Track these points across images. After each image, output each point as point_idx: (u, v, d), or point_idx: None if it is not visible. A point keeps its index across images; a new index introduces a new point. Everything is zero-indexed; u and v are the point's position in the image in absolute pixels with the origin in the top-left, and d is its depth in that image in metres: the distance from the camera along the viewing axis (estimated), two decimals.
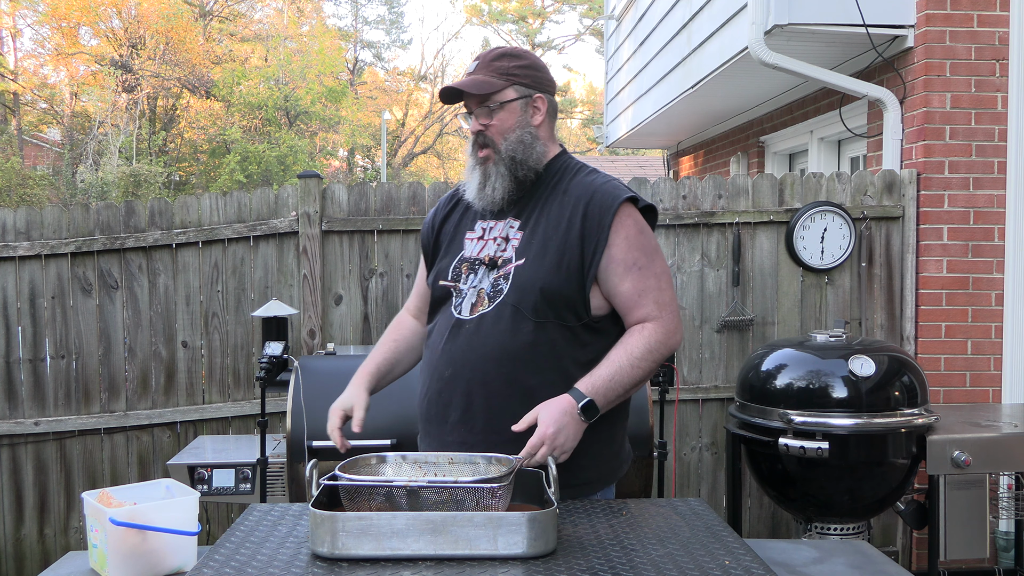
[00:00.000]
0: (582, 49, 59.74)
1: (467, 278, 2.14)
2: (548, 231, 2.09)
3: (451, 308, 2.14)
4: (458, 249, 2.19)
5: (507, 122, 2.12)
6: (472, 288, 2.12)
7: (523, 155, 2.12)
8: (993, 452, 3.43)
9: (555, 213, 2.11)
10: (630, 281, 2.06)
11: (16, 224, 4.24)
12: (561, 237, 2.07)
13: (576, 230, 2.06)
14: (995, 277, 4.29)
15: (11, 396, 4.25)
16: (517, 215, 2.15)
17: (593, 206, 2.07)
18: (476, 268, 2.13)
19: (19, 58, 21.49)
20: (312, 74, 21.92)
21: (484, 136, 2.13)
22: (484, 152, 2.14)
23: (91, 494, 1.94)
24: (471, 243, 2.18)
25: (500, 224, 2.16)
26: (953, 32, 4.25)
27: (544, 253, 2.07)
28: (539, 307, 2.05)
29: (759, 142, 6.72)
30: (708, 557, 1.70)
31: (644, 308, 2.06)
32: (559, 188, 2.14)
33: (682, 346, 4.29)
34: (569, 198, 2.11)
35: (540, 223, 2.11)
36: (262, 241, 4.28)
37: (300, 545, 1.79)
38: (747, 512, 4.29)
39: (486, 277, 2.11)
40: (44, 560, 4.28)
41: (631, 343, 2.04)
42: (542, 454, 1.93)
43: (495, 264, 2.11)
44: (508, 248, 2.11)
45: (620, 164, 15.50)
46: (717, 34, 5.34)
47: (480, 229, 2.19)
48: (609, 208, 2.06)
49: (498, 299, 2.07)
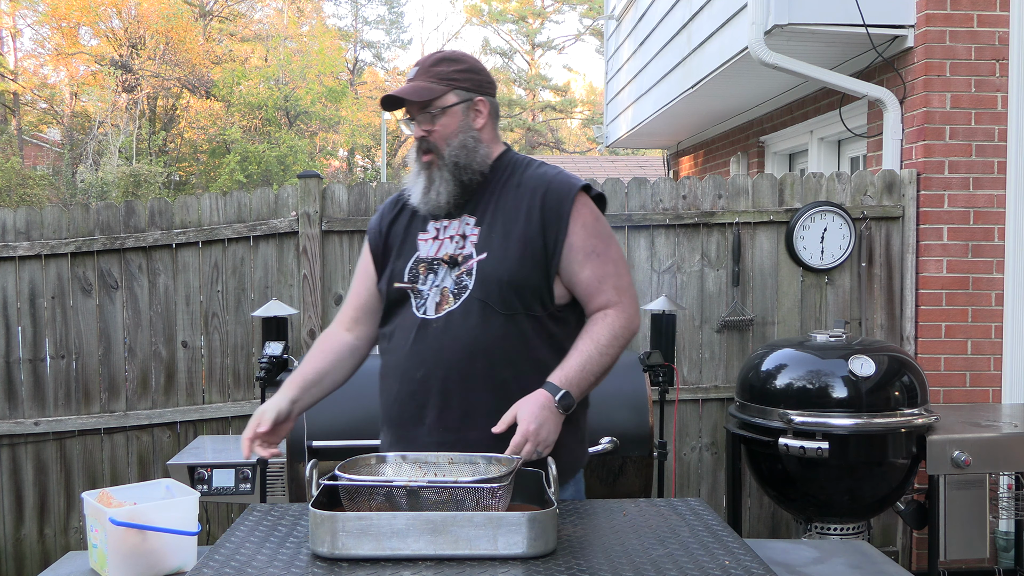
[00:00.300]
0: (582, 49, 59.75)
1: (426, 278, 2.13)
2: (507, 224, 2.11)
3: (411, 309, 2.13)
4: (412, 250, 2.18)
5: (449, 127, 2.13)
6: (435, 287, 2.11)
7: (466, 159, 2.13)
8: (993, 452, 3.43)
9: (511, 206, 2.13)
10: (590, 268, 2.10)
11: (16, 224, 4.24)
12: (521, 229, 2.10)
13: (536, 221, 2.09)
14: (995, 277, 4.29)
15: (11, 396, 4.25)
16: (472, 212, 2.15)
17: (550, 196, 2.11)
18: (435, 267, 2.13)
19: (19, 58, 21.49)
20: (312, 74, 21.92)
21: (427, 142, 2.13)
22: (428, 157, 2.13)
23: (91, 494, 1.93)
24: (426, 244, 2.17)
25: (455, 222, 2.15)
26: (953, 32, 4.25)
27: (506, 246, 2.09)
28: (507, 299, 2.07)
29: (759, 142, 6.72)
30: (708, 557, 1.70)
31: (605, 294, 2.10)
32: (511, 183, 2.16)
33: (682, 346, 4.29)
34: (524, 190, 2.13)
35: (497, 217, 2.13)
36: (262, 241, 4.28)
37: (300, 545, 1.79)
38: (747, 512, 4.29)
39: (448, 275, 2.11)
40: (44, 560, 4.28)
41: (596, 331, 2.07)
42: (527, 451, 1.94)
43: (455, 262, 2.11)
44: (467, 245, 2.12)
45: (620, 164, 15.50)
46: (717, 34, 5.34)
47: (434, 229, 2.18)
48: (566, 197, 2.10)
49: (464, 295, 2.08)
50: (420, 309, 2.12)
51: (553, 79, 31.66)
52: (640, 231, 4.30)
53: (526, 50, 31.89)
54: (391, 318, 2.19)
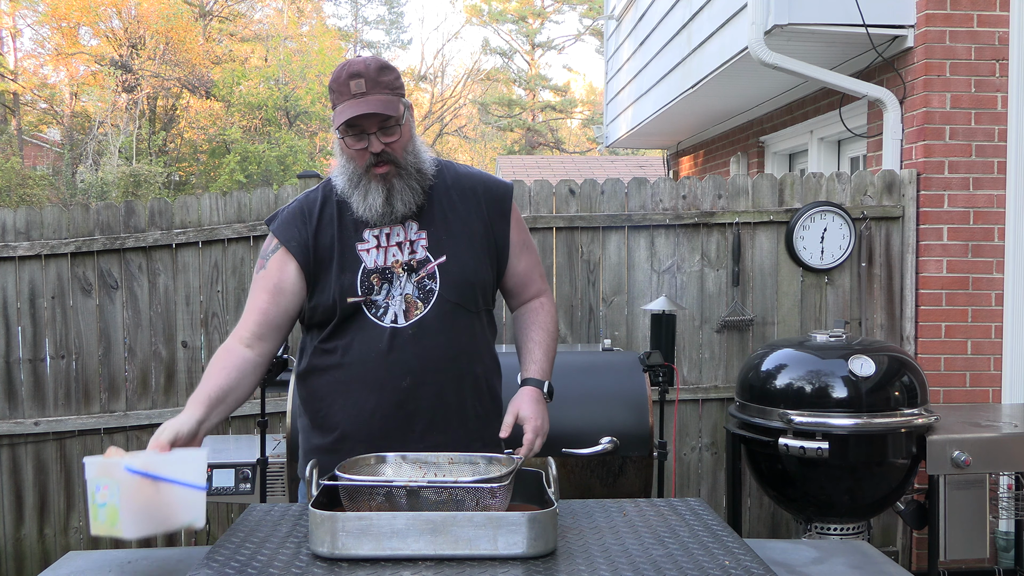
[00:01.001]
0: (582, 49, 59.73)
1: (380, 288, 2.10)
2: (457, 226, 2.15)
3: (370, 320, 2.09)
4: (356, 262, 2.11)
5: (405, 136, 2.11)
6: (396, 296, 2.10)
7: (421, 164, 2.14)
8: (993, 452, 3.43)
9: (454, 208, 2.17)
10: (524, 260, 2.25)
11: (16, 224, 4.24)
12: (472, 229, 2.16)
13: (483, 220, 2.18)
14: (995, 277, 4.29)
15: (11, 396, 4.25)
16: (415, 217, 2.14)
17: (490, 196, 2.21)
18: (389, 276, 2.11)
19: (19, 58, 21.50)
20: (312, 74, 21.93)
21: (387, 154, 2.07)
22: (385, 169, 2.08)
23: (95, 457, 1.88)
24: (368, 254, 2.12)
25: (396, 229, 2.13)
26: (953, 32, 4.25)
27: (463, 247, 2.14)
28: (474, 298, 2.16)
29: (759, 142, 6.72)
30: (708, 557, 1.70)
31: (536, 283, 2.28)
32: (441, 187, 2.18)
33: (682, 346, 4.29)
34: (461, 192, 2.19)
35: (445, 219, 2.15)
36: (262, 241, 4.27)
37: (300, 545, 1.79)
38: (747, 512, 4.29)
39: (408, 282, 2.11)
40: (44, 560, 4.28)
41: (544, 320, 2.25)
42: (538, 445, 2.06)
43: (412, 267, 2.11)
44: (418, 249, 2.12)
45: (620, 164, 15.50)
46: (717, 34, 5.34)
47: (372, 238, 2.13)
48: (506, 197, 2.23)
49: (432, 299, 2.11)
50: (383, 319, 2.09)
51: (553, 79, 31.67)
52: (640, 231, 4.30)
53: (526, 50, 31.90)
54: (340, 332, 2.12)
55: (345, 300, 2.10)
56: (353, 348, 2.11)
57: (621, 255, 4.31)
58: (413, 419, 2.10)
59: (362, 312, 2.10)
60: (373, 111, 2.03)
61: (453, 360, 2.12)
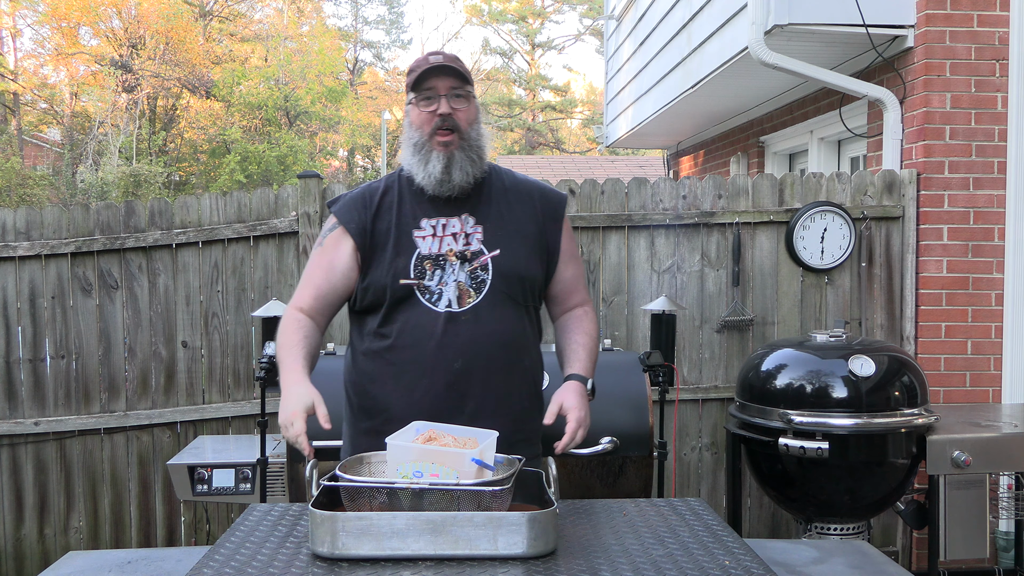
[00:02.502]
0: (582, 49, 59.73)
1: (433, 274, 2.18)
2: (512, 224, 2.25)
3: (423, 304, 2.17)
4: (411, 247, 2.20)
5: (471, 114, 2.22)
6: (451, 282, 2.17)
7: (482, 148, 2.23)
8: (993, 452, 3.42)
9: (510, 208, 2.27)
10: (572, 268, 2.34)
11: (16, 224, 4.24)
12: (526, 230, 2.26)
13: (537, 223, 2.28)
14: (995, 277, 4.29)
15: (11, 396, 4.25)
16: (471, 212, 2.24)
17: (546, 203, 2.32)
18: (442, 264, 2.19)
19: (19, 58, 21.49)
20: (312, 74, 21.92)
21: (453, 120, 2.17)
22: (449, 136, 2.17)
23: (401, 437, 1.88)
24: (424, 241, 2.20)
25: (454, 220, 2.22)
26: (953, 32, 4.25)
27: (517, 244, 2.23)
28: (523, 292, 2.24)
29: (759, 142, 6.72)
30: (708, 557, 1.70)
31: (580, 293, 2.36)
32: (499, 187, 2.29)
33: (682, 346, 4.29)
34: (518, 195, 2.30)
35: (501, 217, 2.25)
36: (262, 241, 4.28)
37: (300, 545, 1.79)
38: (747, 512, 4.29)
39: (460, 270, 2.18)
40: (44, 560, 4.27)
41: (588, 327, 2.32)
42: (580, 436, 2.11)
43: (465, 257, 2.19)
44: (472, 242, 2.21)
45: (620, 164, 15.49)
46: (717, 34, 5.34)
47: (429, 227, 2.22)
48: (560, 205, 2.34)
49: (484, 289, 2.18)
50: (437, 304, 2.17)
51: (553, 79, 31.66)
52: (640, 231, 4.30)
53: (526, 50, 31.89)
54: (393, 315, 2.19)
55: (397, 281, 2.18)
56: (407, 331, 2.18)
57: (621, 255, 4.31)
58: (463, 401, 2.17)
59: (415, 296, 2.18)
60: (448, 64, 2.16)
61: (504, 348, 2.19)
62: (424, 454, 1.80)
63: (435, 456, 1.80)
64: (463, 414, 2.14)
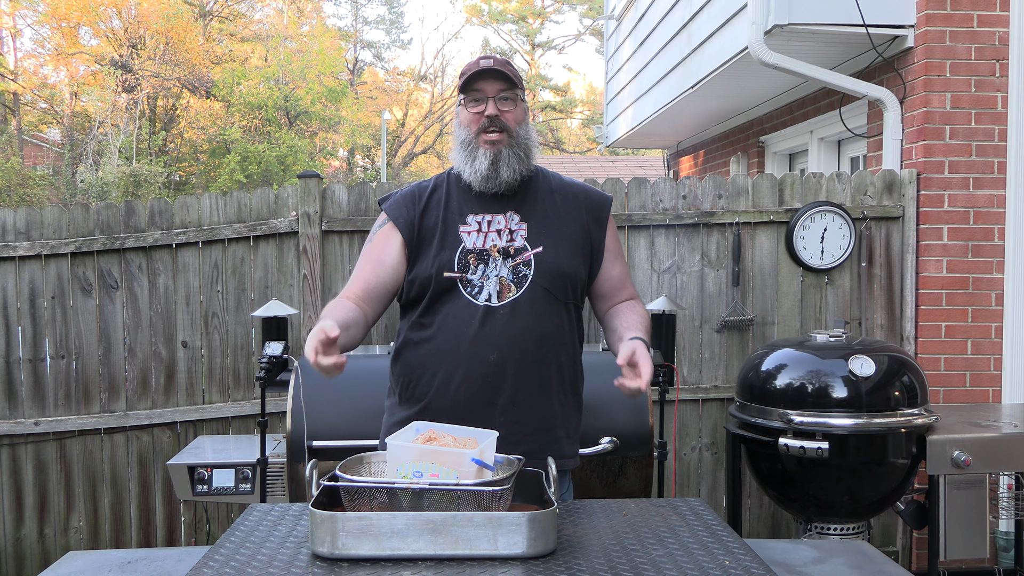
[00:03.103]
0: (582, 49, 59.73)
1: (476, 268, 2.24)
2: (556, 224, 2.30)
3: (465, 297, 2.23)
4: (457, 242, 2.25)
5: (519, 116, 2.29)
6: (493, 276, 2.23)
7: (529, 148, 2.30)
8: (993, 452, 3.43)
9: (555, 208, 2.32)
10: (619, 267, 2.40)
11: (16, 224, 4.24)
12: (570, 229, 2.31)
13: (581, 223, 2.32)
14: (995, 277, 4.29)
15: (11, 396, 4.25)
16: (516, 209, 2.29)
17: (591, 204, 2.37)
18: (485, 259, 2.24)
19: (19, 58, 21.49)
20: (312, 74, 21.91)
21: (501, 121, 2.24)
22: (498, 135, 2.24)
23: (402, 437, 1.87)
24: (469, 236, 2.26)
25: (499, 217, 2.28)
26: (953, 32, 4.25)
27: (560, 242, 2.28)
28: (564, 290, 2.27)
29: (759, 142, 6.72)
30: (708, 557, 1.70)
31: (629, 289, 2.41)
32: (544, 188, 2.35)
33: (682, 346, 4.29)
34: (564, 196, 2.35)
35: (545, 216, 2.30)
36: (262, 241, 4.28)
37: (300, 545, 1.79)
38: (747, 512, 4.29)
39: (503, 265, 2.23)
40: (44, 560, 4.28)
41: (641, 311, 2.34)
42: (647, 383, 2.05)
43: (508, 253, 2.25)
44: (516, 238, 2.26)
45: (620, 164, 15.50)
46: (717, 34, 5.34)
47: (475, 223, 2.28)
48: (605, 206, 2.39)
49: (525, 284, 2.23)
50: (477, 297, 2.22)
51: (553, 79, 31.67)
52: (640, 231, 4.30)
53: (526, 50, 31.89)
54: (435, 306, 2.25)
55: (441, 274, 2.23)
56: (448, 323, 2.24)
57: None
58: (497, 392, 2.21)
59: (457, 289, 2.23)
60: (497, 68, 2.23)
61: (539, 343, 2.23)
62: (424, 454, 1.81)
63: (435, 456, 1.80)
64: (496, 406, 2.20)
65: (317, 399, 3.17)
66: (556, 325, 2.27)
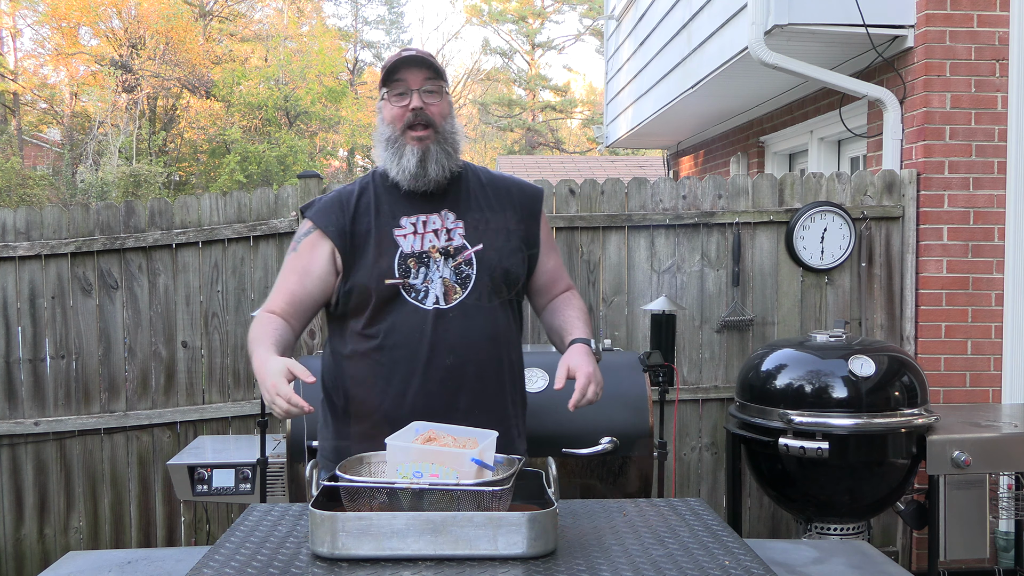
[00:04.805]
0: (582, 49, 59.72)
1: (417, 272, 2.17)
2: (492, 219, 2.25)
3: (411, 303, 2.15)
4: (392, 247, 2.17)
5: (445, 109, 2.22)
6: (436, 279, 2.16)
7: (456, 143, 2.23)
8: (993, 452, 3.42)
9: (489, 204, 2.27)
10: (553, 258, 2.37)
11: (16, 224, 4.24)
12: (506, 224, 2.26)
13: (516, 218, 2.28)
14: (995, 277, 4.29)
15: (11, 396, 4.25)
16: (451, 208, 2.23)
17: (524, 198, 2.33)
18: (426, 261, 2.18)
19: (19, 58, 21.49)
20: (312, 74, 21.90)
21: (426, 114, 2.17)
22: (424, 131, 2.17)
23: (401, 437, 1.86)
24: (405, 239, 2.19)
25: (433, 217, 2.21)
26: (953, 32, 4.25)
27: (499, 238, 2.23)
28: (508, 287, 2.24)
29: (759, 142, 6.72)
30: (708, 557, 1.70)
31: (564, 279, 2.39)
32: (476, 183, 2.29)
33: (682, 346, 4.29)
34: (496, 190, 2.30)
35: (480, 212, 2.25)
36: (262, 241, 4.28)
37: (300, 545, 1.79)
38: (747, 512, 4.29)
39: (445, 266, 2.18)
40: (44, 560, 4.28)
41: (577, 303, 2.34)
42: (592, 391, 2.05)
43: (449, 253, 2.19)
44: (455, 237, 2.20)
45: (620, 164, 15.49)
46: (717, 34, 5.34)
47: (409, 224, 2.20)
48: (537, 199, 2.35)
49: (470, 284, 2.18)
50: (424, 301, 2.16)
51: (553, 79, 31.64)
52: (640, 231, 4.29)
53: (526, 50, 31.88)
54: (380, 316, 2.16)
55: (383, 282, 2.15)
56: (396, 331, 2.16)
57: (621, 255, 4.31)
58: (457, 396, 2.16)
59: (401, 296, 2.16)
60: (419, 55, 2.17)
61: (492, 342, 2.20)
62: (424, 454, 1.80)
63: (435, 456, 1.80)
64: (458, 410, 2.13)
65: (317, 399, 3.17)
66: (504, 322, 2.24)
